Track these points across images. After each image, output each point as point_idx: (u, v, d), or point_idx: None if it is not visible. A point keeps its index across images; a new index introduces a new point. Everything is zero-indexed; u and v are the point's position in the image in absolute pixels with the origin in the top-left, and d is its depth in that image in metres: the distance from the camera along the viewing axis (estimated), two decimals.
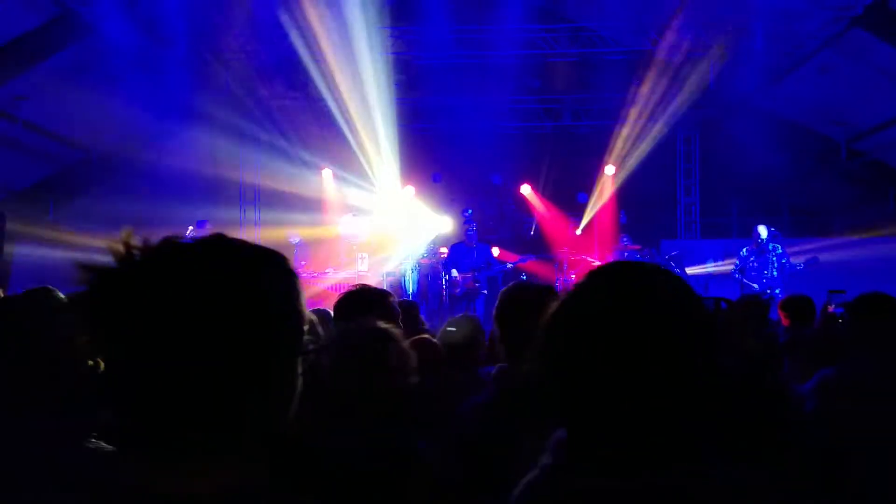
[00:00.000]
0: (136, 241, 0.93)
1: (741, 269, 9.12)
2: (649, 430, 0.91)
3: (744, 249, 9.23)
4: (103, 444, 1.71)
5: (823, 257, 8.96)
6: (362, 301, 2.95)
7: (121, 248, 0.92)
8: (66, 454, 1.70)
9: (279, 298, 0.95)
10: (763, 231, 9.10)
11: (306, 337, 0.98)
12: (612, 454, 0.92)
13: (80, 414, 1.82)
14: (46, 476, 1.66)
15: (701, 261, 11.38)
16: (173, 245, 0.94)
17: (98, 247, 1.00)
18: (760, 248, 9.05)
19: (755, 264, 9.06)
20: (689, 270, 10.65)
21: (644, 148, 12.07)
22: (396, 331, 2.03)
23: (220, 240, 0.96)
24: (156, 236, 0.97)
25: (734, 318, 2.87)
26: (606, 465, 0.91)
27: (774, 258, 8.96)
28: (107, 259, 0.92)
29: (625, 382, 0.90)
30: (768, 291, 8.57)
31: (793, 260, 9.00)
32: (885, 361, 2.61)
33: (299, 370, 0.97)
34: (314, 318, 2.87)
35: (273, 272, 0.96)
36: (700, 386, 0.91)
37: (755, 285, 8.81)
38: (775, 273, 8.91)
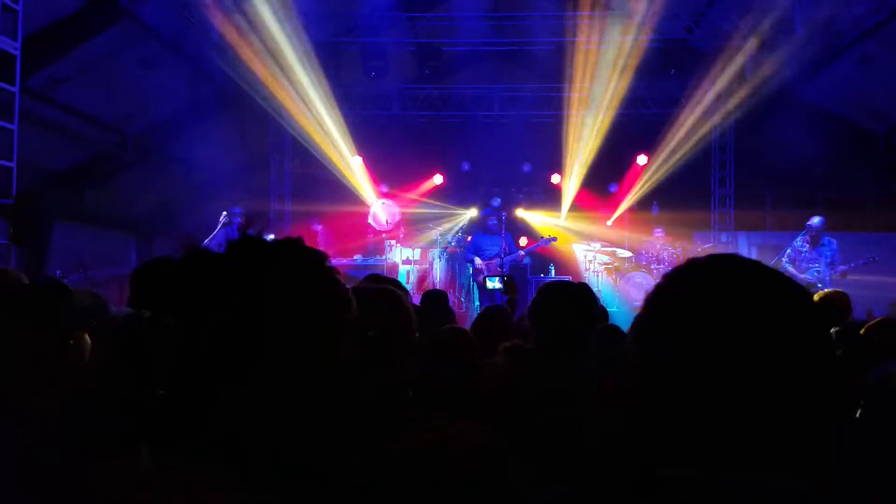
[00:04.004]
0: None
1: (793, 260, 9.00)
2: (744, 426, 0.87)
3: (798, 239, 9.10)
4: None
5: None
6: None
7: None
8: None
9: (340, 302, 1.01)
10: (816, 221, 8.99)
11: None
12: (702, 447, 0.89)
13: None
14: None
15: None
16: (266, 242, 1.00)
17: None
18: (815, 240, 8.92)
19: (807, 255, 8.94)
20: None
21: (678, 138, 11.93)
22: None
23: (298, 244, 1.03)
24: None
25: None
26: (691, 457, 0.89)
27: (829, 252, 8.85)
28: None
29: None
30: (819, 284, 8.45)
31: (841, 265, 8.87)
32: None
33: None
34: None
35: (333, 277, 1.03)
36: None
37: (805, 276, 8.69)
38: (825, 267, 8.80)
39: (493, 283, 9.29)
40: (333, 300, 1.00)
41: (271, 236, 1.05)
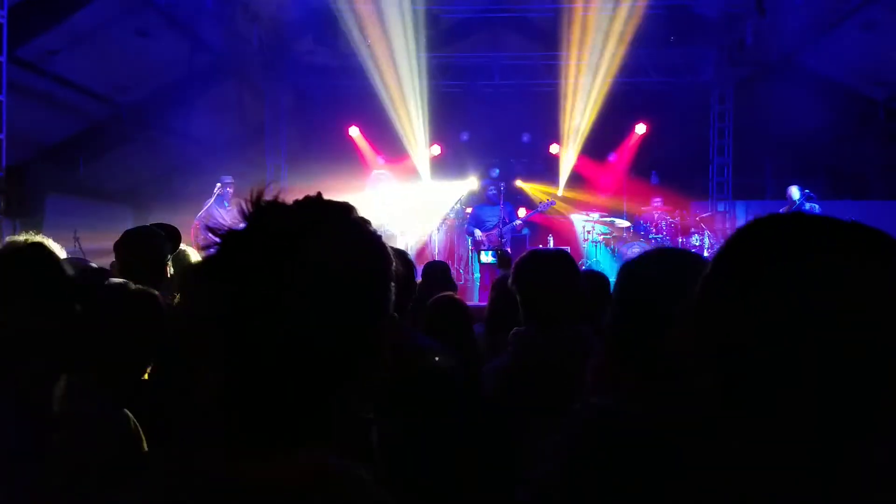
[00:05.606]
0: (268, 198, 0.92)
1: None
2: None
3: (781, 211, 9.11)
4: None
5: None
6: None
7: (248, 205, 0.90)
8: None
9: (383, 267, 0.96)
10: (795, 192, 8.94)
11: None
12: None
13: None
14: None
15: None
16: (302, 207, 0.93)
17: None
18: (795, 209, 8.92)
19: None
20: None
21: (677, 107, 11.82)
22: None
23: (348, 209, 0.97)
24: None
25: None
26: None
27: None
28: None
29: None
30: None
31: None
32: None
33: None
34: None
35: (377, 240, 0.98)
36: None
37: None
38: None
39: (487, 258, 9.19)
40: (382, 253, 0.96)
41: None
